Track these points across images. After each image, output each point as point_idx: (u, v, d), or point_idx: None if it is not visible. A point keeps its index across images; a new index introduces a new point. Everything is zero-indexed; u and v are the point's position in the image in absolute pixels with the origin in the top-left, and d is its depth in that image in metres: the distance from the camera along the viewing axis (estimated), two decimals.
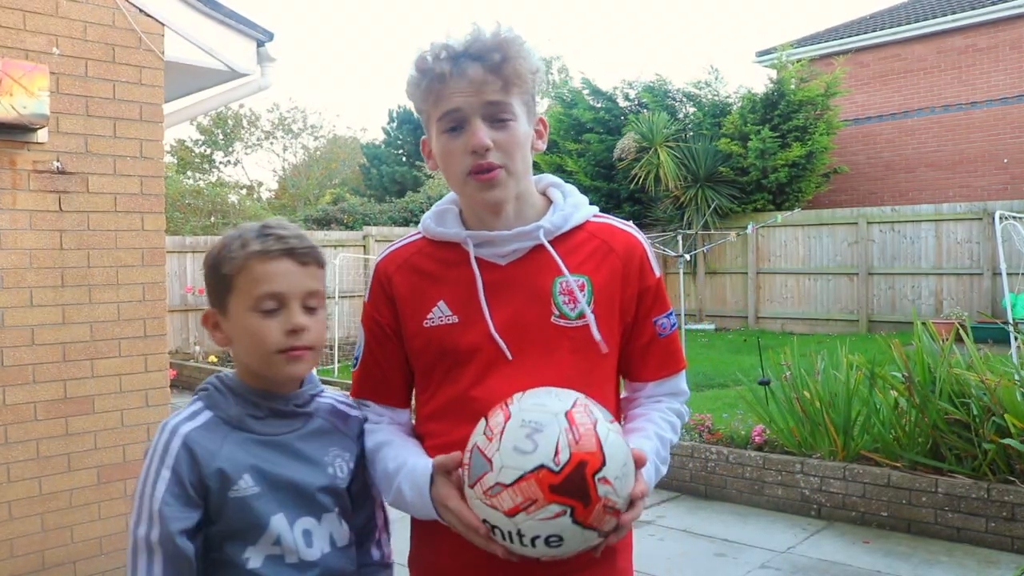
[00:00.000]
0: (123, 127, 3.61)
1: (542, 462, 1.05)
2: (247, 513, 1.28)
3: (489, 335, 1.30)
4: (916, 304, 11.88)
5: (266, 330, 1.28)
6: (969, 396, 4.16)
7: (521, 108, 1.29)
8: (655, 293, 1.38)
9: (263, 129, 30.61)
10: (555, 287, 1.31)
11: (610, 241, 1.36)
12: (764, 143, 13.19)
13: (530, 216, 1.35)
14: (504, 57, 1.25)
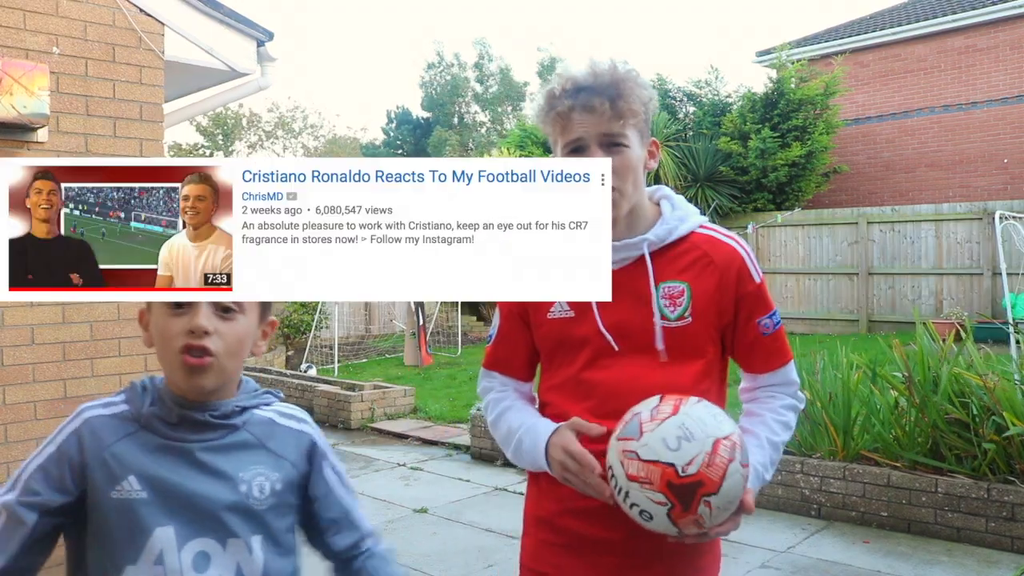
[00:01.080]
0: (123, 127, 3.61)
1: (675, 463, 1.27)
2: (127, 519, 1.16)
3: (597, 329, 1.50)
4: (916, 304, 11.88)
5: (170, 327, 1.19)
6: (969, 395, 4.16)
7: (635, 135, 1.48)
8: (755, 297, 1.55)
9: (264, 129, 30.61)
10: (658, 291, 1.50)
11: (711, 252, 1.53)
12: (764, 143, 13.20)
13: (640, 227, 1.54)
14: (619, 93, 1.44)
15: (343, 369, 10.53)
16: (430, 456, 6.19)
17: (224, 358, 1.21)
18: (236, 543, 1.21)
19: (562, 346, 1.55)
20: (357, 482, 5.51)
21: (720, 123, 14.14)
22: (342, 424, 7.38)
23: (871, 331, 12.07)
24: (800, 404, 1.64)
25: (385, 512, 4.85)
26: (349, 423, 7.33)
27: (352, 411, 7.38)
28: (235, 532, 1.20)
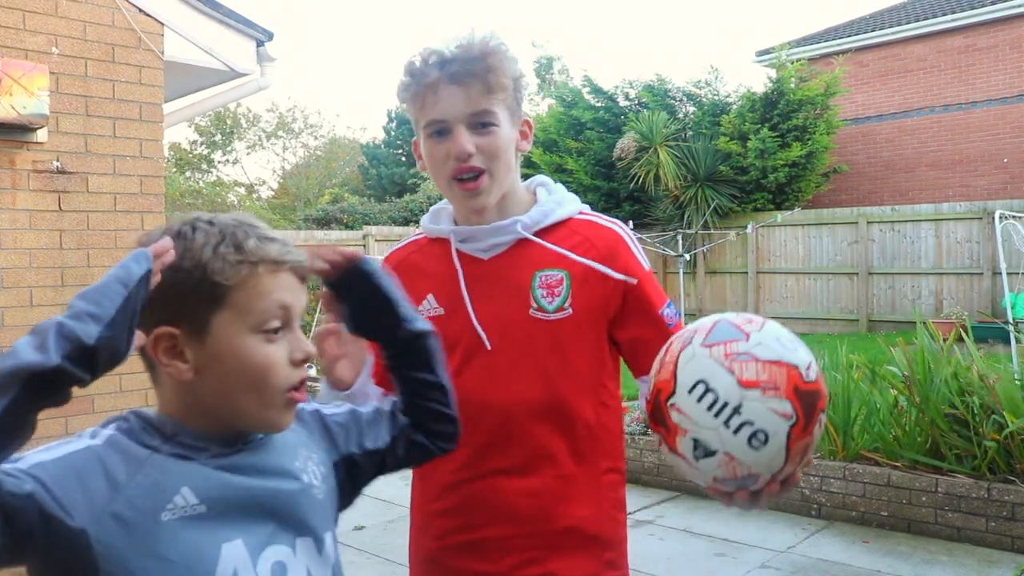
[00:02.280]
0: (123, 127, 3.61)
1: (799, 363, 1.05)
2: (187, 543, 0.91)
3: (470, 327, 1.35)
4: (916, 304, 11.88)
5: (274, 358, 0.98)
6: (969, 395, 4.16)
7: (504, 113, 1.34)
8: (649, 286, 1.39)
9: (264, 130, 30.62)
10: (534, 281, 1.35)
11: (592, 237, 1.39)
12: (764, 142, 13.20)
13: (514, 213, 1.39)
14: (487, 67, 1.30)
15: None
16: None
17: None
18: (305, 543, 1.01)
19: None
20: None
21: (720, 123, 14.15)
22: None
23: (871, 331, 12.07)
24: None
25: (385, 512, 4.85)
26: None
27: None
28: (308, 530, 1.01)
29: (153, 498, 0.90)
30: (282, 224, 21.15)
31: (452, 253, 1.40)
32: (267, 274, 0.99)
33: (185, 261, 0.95)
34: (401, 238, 13.58)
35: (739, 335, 1.07)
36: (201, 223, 0.99)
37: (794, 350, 1.07)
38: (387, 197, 22.91)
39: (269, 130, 30.69)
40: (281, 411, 0.99)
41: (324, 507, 1.05)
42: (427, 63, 1.31)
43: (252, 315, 0.97)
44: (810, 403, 1.04)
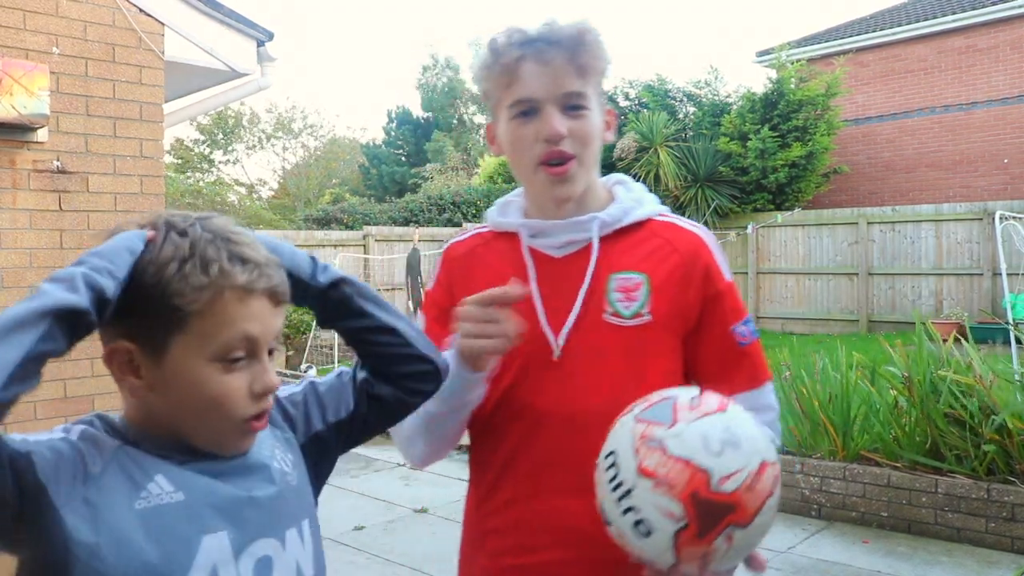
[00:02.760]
0: (123, 126, 3.61)
1: (711, 470, 0.96)
2: (164, 533, 0.87)
3: (534, 331, 1.22)
4: (916, 304, 11.88)
5: (233, 390, 0.92)
6: (969, 395, 4.16)
7: (595, 98, 1.26)
8: (727, 299, 1.28)
9: (264, 131, 30.63)
10: (609, 284, 1.24)
11: (673, 241, 1.28)
12: (764, 143, 13.20)
13: (593, 210, 1.28)
14: (582, 46, 1.21)
15: None
16: None
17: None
18: (292, 534, 0.99)
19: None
20: (357, 482, 5.51)
21: (720, 123, 14.15)
22: None
23: (871, 331, 12.07)
24: (778, 440, 1.28)
25: (385, 512, 4.85)
26: None
27: None
28: (291, 521, 0.99)
29: (126, 485, 0.87)
30: (282, 224, 21.17)
31: (522, 249, 1.28)
32: (234, 301, 0.91)
33: (147, 275, 0.88)
34: (403, 238, 13.53)
35: (667, 420, 1.01)
36: (175, 231, 0.92)
37: (718, 454, 0.97)
38: (387, 197, 22.91)
39: (269, 131, 30.70)
40: (238, 438, 0.95)
41: (300, 493, 1.03)
42: (513, 41, 1.22)
43: (213, 344, 0.90)
44: (711, 513, 0.96)
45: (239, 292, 0.91)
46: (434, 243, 13.47)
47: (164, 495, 0.88)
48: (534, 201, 1.32)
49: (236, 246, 0.93)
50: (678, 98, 15.35)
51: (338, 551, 4.22)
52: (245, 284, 0.91)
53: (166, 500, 0.88)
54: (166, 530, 0.87)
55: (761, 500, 0.98)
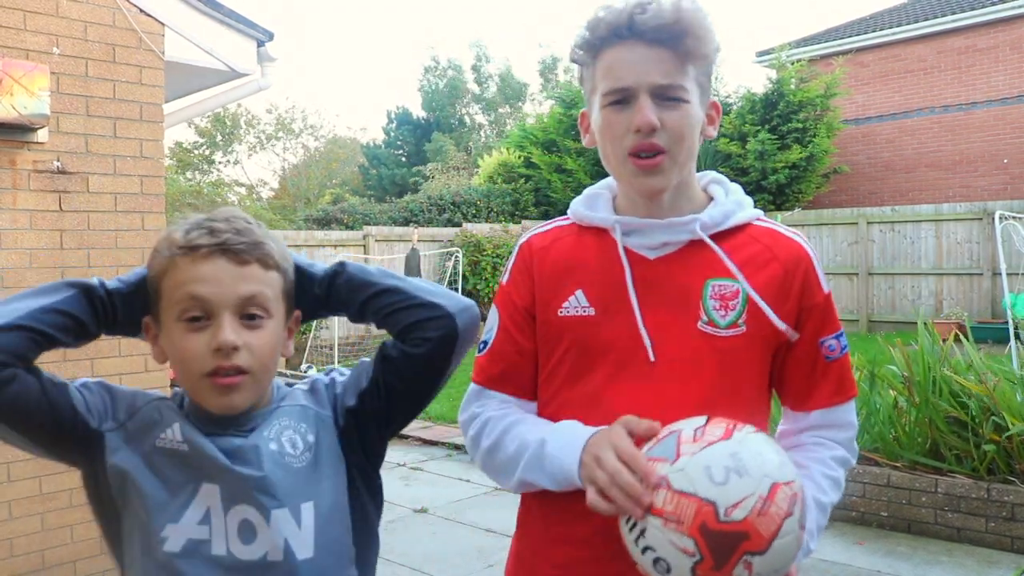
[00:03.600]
0: (123, 127, 3.61)
1: (717, 500, 0.95)
2: (172, 470, 1.04)
3: (629, 332, 1.17)
4: (916, 304, 11.88)
5: (191, 346, 1.03)
6: (969, 396, 4.16)
7: (696, 89, 1.17)
8: (822, 311, 1.21)
9: (264, 131, 30.62)
10: (706, 290, 1.17)
11: (773, 248, 1.21)
12: (763, 144, 13.20)
13: (687, 210, 1.21)
14: (685, 31, 1.12)
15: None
16: (430, 456, 6.19)
17: (259, 372, 1.06)
18: (281, 515, 1.05)
19: (575, 353, 1.20)
20: None
21: (720, 124, 14.16)
22: None
23: (871, 331, 12.08)
24: (853, 459, 1.25)
25: (385, 512, 4.81)
26: None
27: None
28: (280, 501, 1.05)
29: (153, 423, 1.07)
30: (282, 224, 21.16)
31: (617, 247, 1.20)
32: (184, 265, 1.03)
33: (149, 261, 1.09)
34: (403, 238, 13.52)
35: (671, 455, 1.00)
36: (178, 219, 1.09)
37: (723, 483, 0.96)
38: (387, 197, 22.91)
39: (269, 131, 30.70)
40: (208, 395, 1.04)
41: (307, 478, 1.08)
42: (608, 21, 1.13)
43: (174, 307, 1.04)
44: (723, 544, 0.94)
45: (188, 255, 1.03)
46: (434, 243, 13.46)
47: (175, 442, 1.06)
48: (624, 195, 1.25)
49: (201, 219, 1.07)
50: None
51: None
52: (186, 243, 1.03)
53: (176, 447, 1.06)
54: (174, 468, 1.05)
55: (777, 524, 0.96)
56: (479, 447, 1.25)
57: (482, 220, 15.18)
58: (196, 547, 1.03)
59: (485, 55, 31.58)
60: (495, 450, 1.22)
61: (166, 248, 1.05)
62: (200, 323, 1.03)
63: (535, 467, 1.15)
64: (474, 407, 1.28)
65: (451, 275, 12.30)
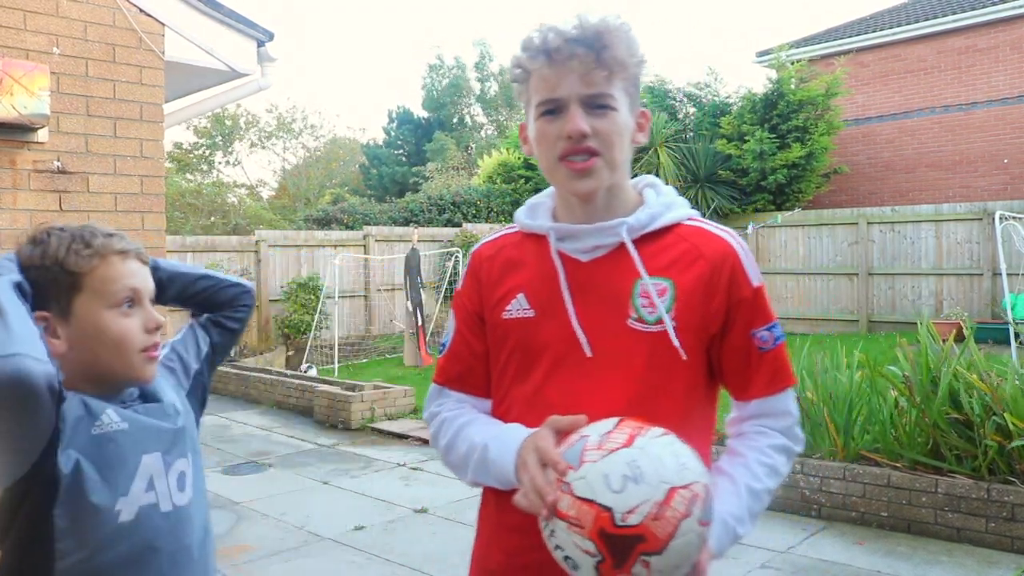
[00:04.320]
0: (123, 127, 3.61)
1: (613, 507, 1.03)
2: (114, 452, 1.20)
3: (564, 332, 1.25)
4: (916, 304, 11.88)
5: (130, 328, 1.25)
6: (970, 396, 4.16)
7: (623, 98, 1.25)
8: (752, 304, 1.28)
9: (264, 131, 30.60)
10: (635, 289, 1.25)
11: (701, 246, 1.29)
12: (762, 144, 13.20)
13: (620, 213, 1.29)
14: (608, 44, 1.21)
15: (343, 369, 10.52)
16: (430, 456, 6.19)
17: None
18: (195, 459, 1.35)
19: (519, 353, 1.29)
20: (357, 483, 5.51)
21: (720, 124, 14.16)
22: (342, 424, 7.38)
23: (871, 331, 12.08)
24: (796, 446, 1.32)
25: (385, 512, 4.85)
26: (349, 423, 7.33)
27: (352, 411, 7.38)
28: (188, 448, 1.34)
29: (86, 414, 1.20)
30: (282, 224, 21.15)
31: (551, 252, 1.29)
32: (116, 262, 1.26)
33: (45, 260, 1.23)
34: (403, 238, 13.51)
35: (576, 461, 1.07)
36: (54, 230, 1.26)
37: (620, 491, 1.03)
38: (387, 197, 22.90)
39: (269, 131, 30.68)
40: (143, 365, 1.27)
41: (189, 430, 1.37)
42: (545, 40, 1.23)
43: (107, 296, 1.25)
44: (621, 547, 1.02)
45: (119, 255, 1.27)
46: (434, 243, 13.47)
47: (113, 424, 1.22)
48: (562, 201, 1.33)
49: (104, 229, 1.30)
50: (678, 99, 15.36)
51: (338, 551, 4.23)
52: (121, 248, 1.27)
53: (115, 428, 1.22)
54: (116, 450, 1.21)
55: (673, 526, 1.03)
56: (438, 445, 1.37)
57: (482, 220, 15.18)
58: (147, 511, 1.24)
59: (488, 53, 31.56)
60: (450, 449, 1.33)
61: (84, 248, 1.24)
62: (133, 308, 1.27)
63: (482, 470, 1.27)
64: (433, 406, 1.40)
65: (451, 275, 12.31)
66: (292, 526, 4.62)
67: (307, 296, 11.38)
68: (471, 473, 1.29)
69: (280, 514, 4.84)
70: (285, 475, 5.80)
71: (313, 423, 7.60)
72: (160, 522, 1.24)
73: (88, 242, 1.24)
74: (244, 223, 20.57)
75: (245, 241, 12.16)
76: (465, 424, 1.32)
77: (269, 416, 7.99)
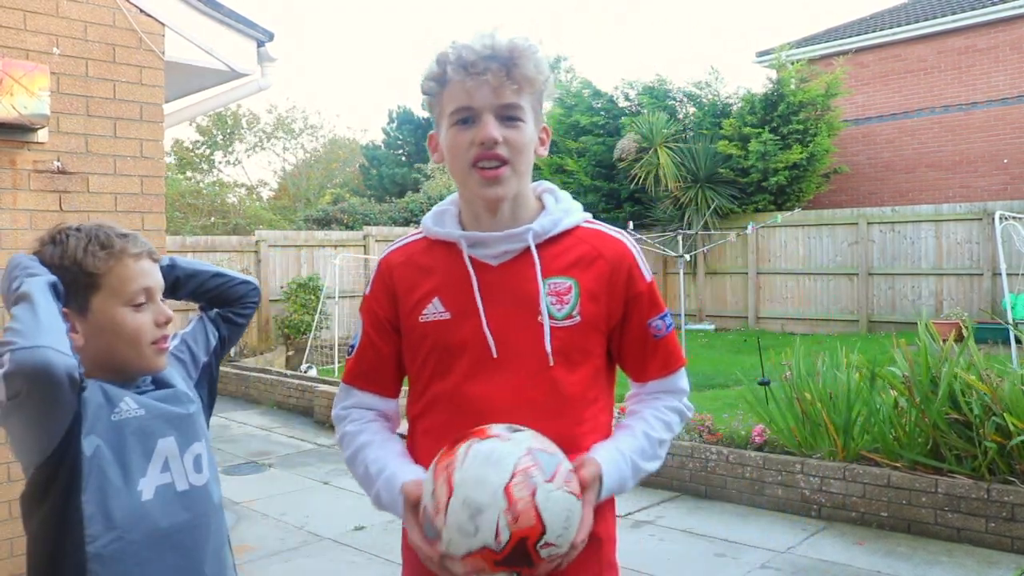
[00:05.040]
0: (123, 127, 3.61)
1: (485, 543, 1.12)
2: (132, 437, 1.31)
3: (478, 332, 1.36)
4: (916, 304, 11.88)
5: (143, 323, 1.36)
6: (969, 396, 4.16)
7: (530, 112, 1.36)
8: (647, 297, 1.43)
9: (264, 131, 30.59)
10: (543, 288, 1.36)
11: (599, 247, 1.41)
12: (765, 145, 13.20)
13: (524, 218, 1.40)
14: (518, 61, 1.31)
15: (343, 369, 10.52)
16: None
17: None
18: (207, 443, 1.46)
19: (436, 354, 1.39)
20: (357, 482, 5.52)
21: (720, 124, 14.15)
22: None
23: (871, 331, 12.08)
24: (688, 412, 1.50)
25: (385, 512, 4.85)
26: None
27: None
28: (201, 434, 1.45)
29: (105, 402, 1.30)
30: (283, 224, 21.15)
31: (464, 258, 1.39)
32: (131, 263, 1.36)
33: (64, 260, 1.33)
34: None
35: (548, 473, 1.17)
36: (71, 232, 1.36)
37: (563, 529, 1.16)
38: (387, 197, 22.89)
39: (269, 131, 30.67)
40: (154, 357, 1.39)
41: (199, 417, 1.48)
42: (457, 55, 1.32)
43: (123, 294, 1.35)
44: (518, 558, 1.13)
45: (133, 256, 1.37)
46: None
47: (132, 411, 1.33)
48: (469, 208, 1.42)
49: (118, 229, 1.39)
50: (678, 99, 15.35)
51: (339, 551, 4.23)
52: (135, 251, 1.37)
53: (133, 414, 1.33)
54: (135, 434, 1.32)
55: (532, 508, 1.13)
56: (342, 454, 1.50)
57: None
58: (164, 490, 1.35)
59: None
60: (351, 463, 1.46)
61: (101, 249, 1.34)
62: (144, 306, 1.37)
63: (378, 503, 1.40)
64: (339, 407, 1.51)
65: None
66: (292, 526, 4.63)
67: (307, 296, 11.38)
68: (372, 501, 1.42)
69: (280, 514, 4.84)
70: (285, 475, 5.81)
71: (313, 423, 7.60)
72: (177, 500, 1.36)
73: (104, 244, 1.34)
74: (244, 223, 20.58)
75: (245, 241, 12.16)
76: (363, 446, 1.43)
77: (269, 416, 7.99)
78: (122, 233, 1.38)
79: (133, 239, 1.38)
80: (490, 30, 1.34)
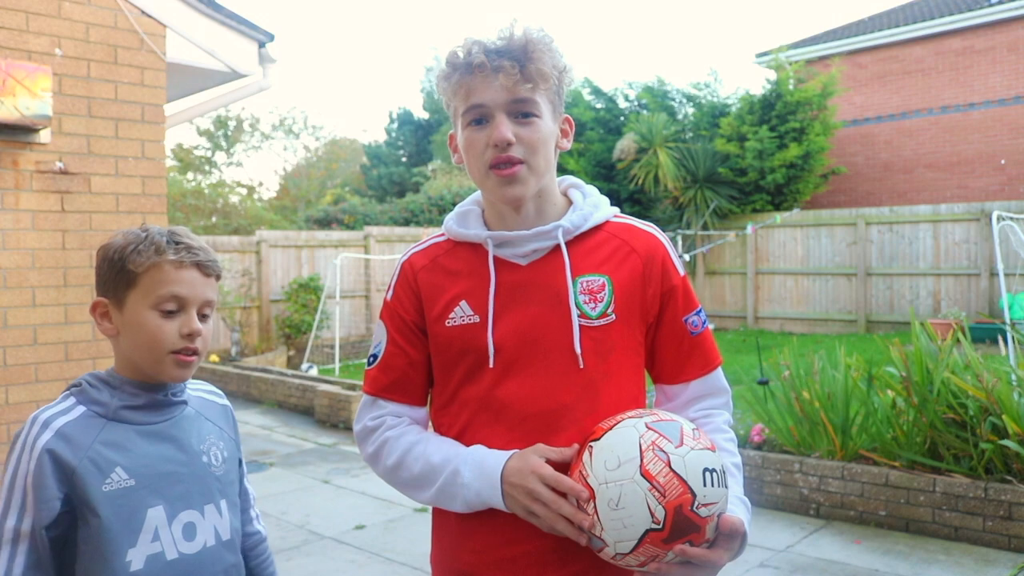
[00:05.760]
0: (125, 128, 3.63)
1: (646, 528, 1.13)
2: (123, 508, 1.30)
3: (510, 334, 1.30)
4: (914, 304, 11.90)
5: (164, 329, 1.35)
6: (966, 396, 4.18)
7: (547, 106, 1.31)
8: (681, 292, 1.37)
9: (264, 132, 30.59)
10: (575, 287, 1.31)
11: (631, 242, 1.36)
12: (762, 143, 13.22)
13: (551, 215, 1.36)
14: (531, 55, 1.26)
15: (344, 369, 10.53)
16: None
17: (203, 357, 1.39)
18: (211, 509, 1.39)
19: (465, 358, 1.32)
20: (358, 482, 5.53)
21: (719, 125, 14.18)
22: (343, 424, 7.40)
23: (869, 331, 12.10)
24: (732, 419, 1.44)
25: (385, 512, 4.86)
26: (350, 423, 7.35)
27: (353, 411, 7.39)
28: (209, 498, 1.39)
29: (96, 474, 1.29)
30: (283, 225, 21.16)
31: (489, 259, 1.34)
32: (170, 269, 1.35)
33: (116, 254, 1.35)
34: (403, 238, 13.53)
35: (676, 439, 1.17)
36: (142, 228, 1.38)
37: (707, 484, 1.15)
38: (388, 197, 22.90)
39: (269, 131, 30.68)
40: (171, 367, 1.36)
41: (222, 481, 1.43)
42: (469, 53, 1.28)
43: (153, 296, 1.35)
44: (682, 527, 1.13)
45: (174, 263, 1.35)
46: None
47: (122, 482, 1.30)
48: (493, 208, 1.38)
49: (178, 237, 1.38)
50: (677, 99, 15.38)
51: (339, 550, 4.24)
52: (176, 258, 1.35)
53: (123, 486, 1.30)
54: (124, 506, 1.30)
55: (675, 481, 1.14)
56: (380, 463, 1.38)
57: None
58: (154, 559, 1.32)
59: None
60: (398, 468, 1.34)
61: (152, 251, 1.34)
62: (174, 314, 1.35)
63: (449, 494, 1.29)
64: (368, 419, 1.40)
65: None
66: (293, 525, 4.64)
67: (308, 296, 11.39)
68: (433, 494, 1.31)
69: (281, 513, 4.86)
70: (286, 474, 5.82)
71: (314, 422, 7.62)
72: (166, 569, 1.33)
73: (152, 245, 1.35)
74: (245, 223, 20.58)
75: (246, 241, 12.17)
76: (415, 443, 1.34)
77: (270, 415, 8.00)
78: (178, 240, 1.37)
79: (185, 248, 1.36)
80: (508, 24, 1.29)
